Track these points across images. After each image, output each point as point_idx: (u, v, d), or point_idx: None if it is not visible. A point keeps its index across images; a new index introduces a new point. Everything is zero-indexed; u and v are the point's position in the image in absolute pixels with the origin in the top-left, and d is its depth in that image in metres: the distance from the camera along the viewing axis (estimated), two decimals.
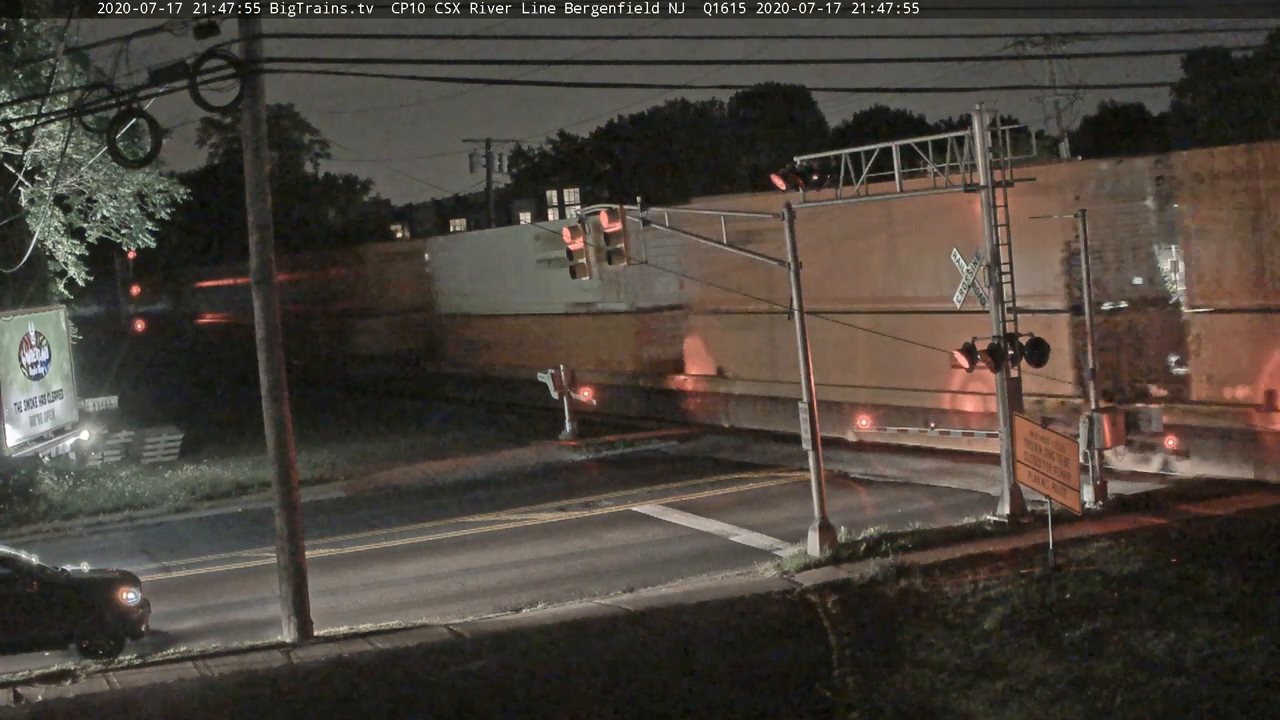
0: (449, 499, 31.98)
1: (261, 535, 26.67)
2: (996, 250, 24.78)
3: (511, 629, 20.33)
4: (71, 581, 21.15)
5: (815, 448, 23.60)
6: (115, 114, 20.85)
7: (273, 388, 20.85)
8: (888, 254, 33.01)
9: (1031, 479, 21.75)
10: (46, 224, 33.40)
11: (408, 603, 22.83)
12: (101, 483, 34.64)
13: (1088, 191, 27.91)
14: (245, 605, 23.35)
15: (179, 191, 36.36)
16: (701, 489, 30.71)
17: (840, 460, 31.04)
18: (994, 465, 26.09)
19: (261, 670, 19.01)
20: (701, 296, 38.96)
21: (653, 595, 21.93)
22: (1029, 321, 25.57)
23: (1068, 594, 19.49)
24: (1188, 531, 22.59)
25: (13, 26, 32.32)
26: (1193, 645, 16.99)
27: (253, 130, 20.57)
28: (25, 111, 30.63)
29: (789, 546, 24.13)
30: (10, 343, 32.92)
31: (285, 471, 20.93)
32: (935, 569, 21.45)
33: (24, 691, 18.44)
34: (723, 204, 33.14)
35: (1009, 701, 15.94)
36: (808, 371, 23.78)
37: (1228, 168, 26.04)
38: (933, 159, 26.08)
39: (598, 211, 27.33)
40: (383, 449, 39.43)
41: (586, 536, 26.95)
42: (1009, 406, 24.40)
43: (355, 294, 63.14)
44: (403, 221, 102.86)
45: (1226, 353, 26.26)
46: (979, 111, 24.67)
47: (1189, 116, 71.29)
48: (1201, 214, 26.34)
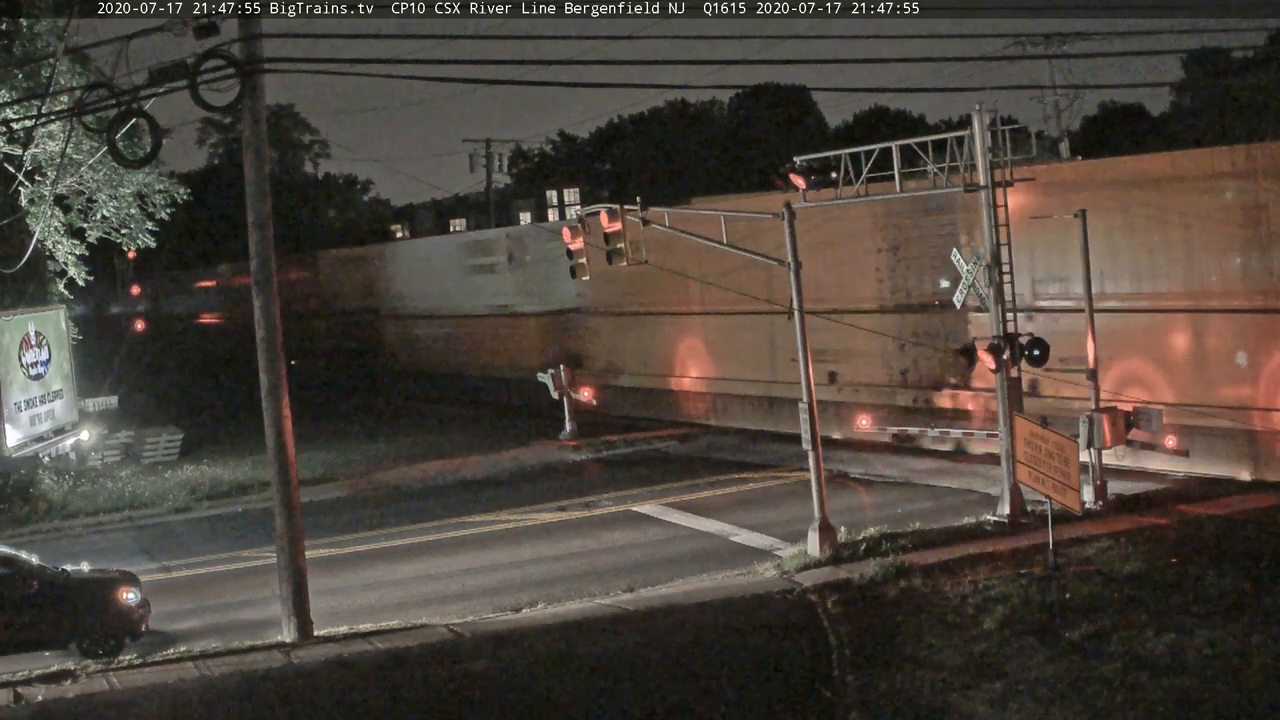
0: (448, 499, 31.99)
1: (261, 535, 26.68)
2: (997, 250, 24.79)
3: (511, 629, 20.32)
4: (72, 581, 21.15)
5: (815, 448, 23.59)
6: (115, 114, 20.86)
7: (272, 388, 20.84)
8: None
9: (1031, 479, 21.73)
10: (46, 224, 33.39)
11: (408, 603, 22.83)
12: (101, 483, 34.64)
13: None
14: (245, 605, 23.34)
15: (179, 191, 36.36)
16: (701, 489, 30.72)
17: (840, 460, 31.06)
18: (991, 465, 26.11)
19: (261, 670, 19.00)
20: (595, 299, 42.99)
21: (653, 595, 21.94)
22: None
23: (1068, 594, 19.48)
24: (1188, 531, 22.59)
25: (13, 26, 32.33)
26: (1193, 645, 16.99)
27: (253, 130, 20.56)
28: (25, 111, 30.65)
29: (789, 546, 24.13)
30: (10, 343, 32.92)
31: (285, 471, 20.92)
32: (935, 569, 21.45)
33: (24, 691, 18.43)
34: (723, 204, 33.17)
35: (1009, 701, 15.94)
36: (807, 371, 23.78)
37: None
38: (933, 159, 26.08)
39: (597, 211, 27.36)
40: (367, 449, 39.47)
41: (586, 536, 26.95)
42: (1009, 406, 24.41)
43: (310, 296, 66.32)
44: (403, 221, 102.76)
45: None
46: (979, 111, 24.68)
47: (1188, 116, 71.22)
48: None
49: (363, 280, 60.97)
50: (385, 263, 59.77)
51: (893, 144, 26.35)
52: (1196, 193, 26.52)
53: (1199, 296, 26.72)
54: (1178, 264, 27.06)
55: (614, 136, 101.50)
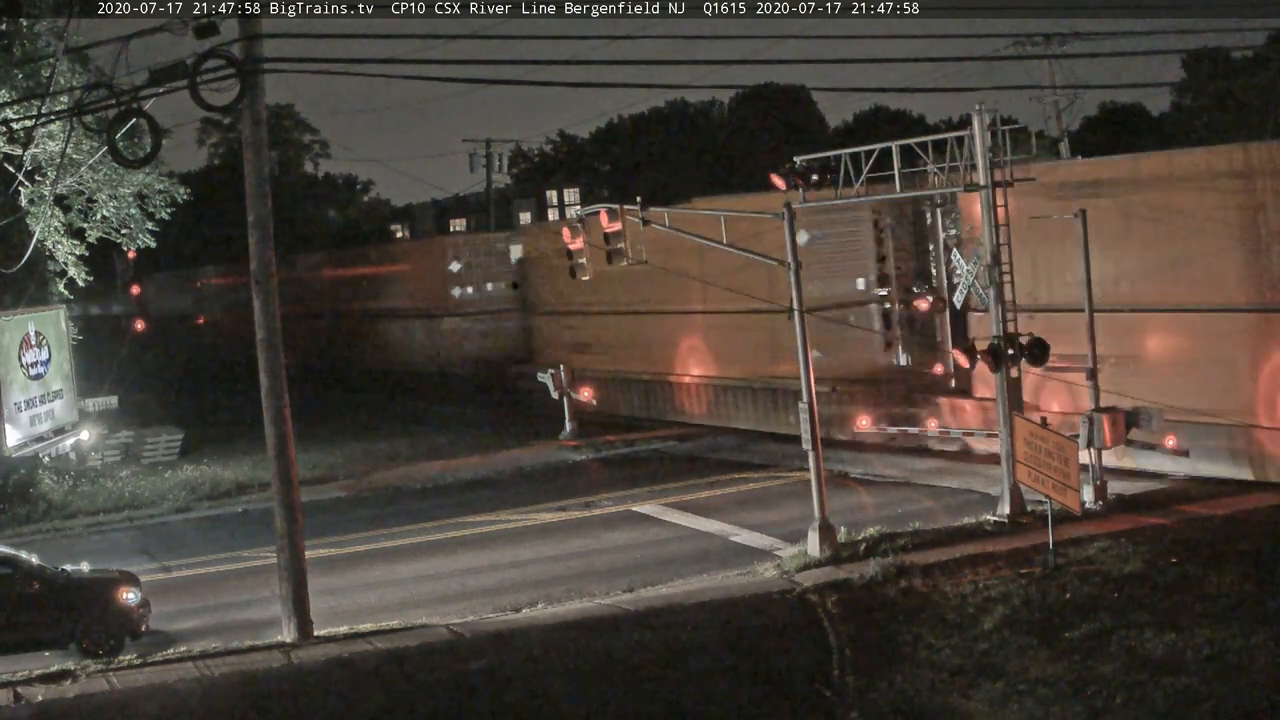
0: (449, 499, 31.99)
1: (261, 535, 26.66)
2: (997, 250, 24.79)
3: (511, 629, 20.32)
4: (72, 581, 21.16)
5: (815, 448, 23.59)
6: (115, 114, 20.85)
7: (272, 388, 20.83)
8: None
9: (1031, 479, 21.76)
10: (46, 224, 33.39)
11: (408, 603, 22.83)
12: (101, 483, 34.62)
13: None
14: (245, 605, 23.34)
15: (179, 191, 36.35)
16: (701, 489, 30.72)
17: (840, 460, 31.05)
18: (991, 465, 26.11)
19: (261, 670, 19.00)
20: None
21: (653, 595, 21.93)
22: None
23: (1068, 594, 19.48)
24: (1188, 531, 22.60)
25: (13, 26, 32.31)
26: (1193, 645, 16.99)
27: (253, 130, 20.55)
28: (25, 111, 30.62)
29: (789, 546, 24.13)
30: (10, 343, 32.93)
31: (285, 471, 20.91)
32: (935, 569, 21.44)
33: (24, 691, 18.43)
34: (722, 204, 33.15)
35: (1009, 701, 15.95)
36: (808, 371, 23.79)
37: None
38: (933, 159, 26.08)
39: (598, 211, 27.37)
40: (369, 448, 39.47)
41: (586, 536, 26.95)
42: (1009, 406, 24.42)
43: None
44: (403, 221, 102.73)
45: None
46: (979, 111, 24.68)
47: (1188, 116, 71.20)
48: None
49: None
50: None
51: (893, 144, 26.35)
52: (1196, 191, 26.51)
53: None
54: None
55: (614, 136, 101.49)
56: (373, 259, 63.55)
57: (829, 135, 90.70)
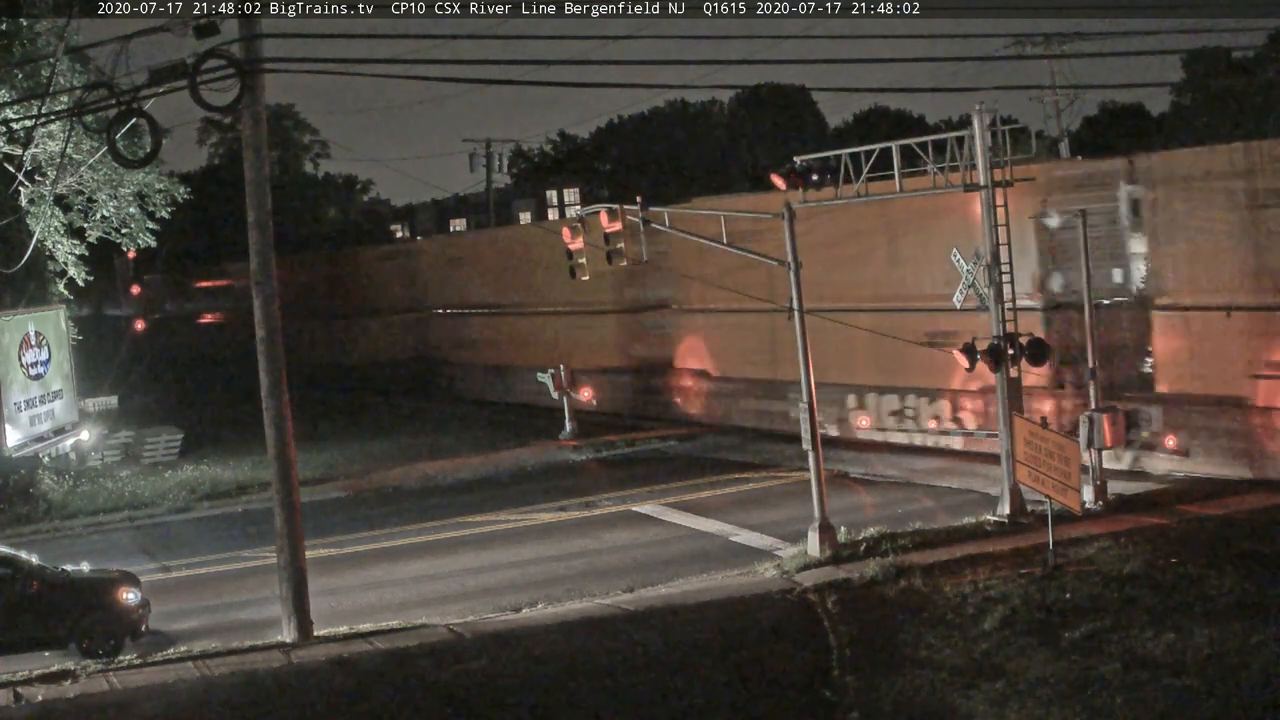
0: (449, 499, 31.99)
1: (261, 535, 26.68)
2: (996, 250, 24.79)
3: (511, 629, 20.32)
4: (72, 581, 21.16)
5: (815, 448, 23.59)
6: (115, 114, 20.82)
7: (273, 387, 20.83)
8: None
9: (1031, 479, 21.74)
10: (46, 224, 33.40)
11: (408, 603, 22.83)
12: (101, 483, 34.63)
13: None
14: (245, 605, 23.35)
15: (179, 191, 36.36)
16: (701, 489, 30.72)
17: (840, 460, 31.05)
18: (992, 465, 26.09)
19: (261, 670, 19.00)
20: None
21: (653, 595, 21.93)
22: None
23: (1068, 594, 19.48)
24: (1188, 531, 22.59)
25: (13, 26, 32.30)
26: (1193, 645, 16.98)
27: (253, 130, 20.56)
28: (25, 111, 30.62)
29: (789, 546, 24.13)
30: (10, 343, 32.92)
31: (285, 471, 20.92)
32: (935, 569, 21.44)
33: (24, 691, 18.43)
34: (722, 204, 33.17)
35: (1009, 701, 15.95)
36: (807, 371, 23.78)
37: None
38: (933, 159, 26.08)
39: (598, 211, 27.37)
40: (369, 448, 39.47)
41: (586, 536, 26.95)
42: (1009, 406, 24.40)
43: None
44: (403, 221, 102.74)
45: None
46: (979, 111, 24.67)
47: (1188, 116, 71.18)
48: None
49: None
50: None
51: (893, 144, 26.35)
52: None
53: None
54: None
55: (614, 136, 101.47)
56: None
57: (829, 135, 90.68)
